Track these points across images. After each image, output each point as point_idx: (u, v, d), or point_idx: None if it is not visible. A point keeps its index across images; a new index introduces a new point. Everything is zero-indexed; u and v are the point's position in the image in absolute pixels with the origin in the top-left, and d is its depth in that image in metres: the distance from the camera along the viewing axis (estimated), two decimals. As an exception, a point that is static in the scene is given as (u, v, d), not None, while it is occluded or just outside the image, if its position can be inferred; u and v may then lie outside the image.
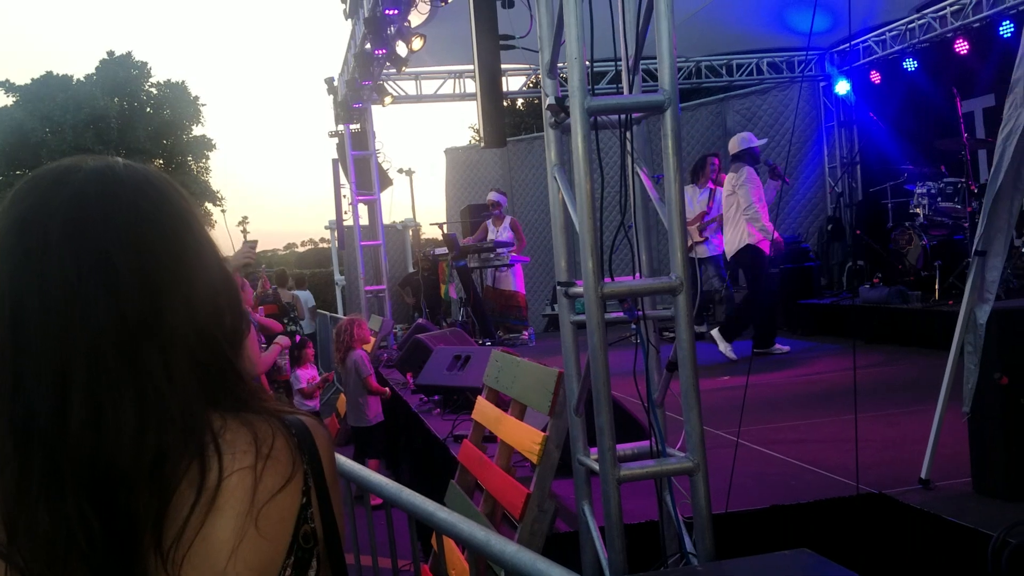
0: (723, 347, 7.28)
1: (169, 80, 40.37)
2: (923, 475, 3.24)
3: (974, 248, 3.06)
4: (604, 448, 2.53)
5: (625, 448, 2.77)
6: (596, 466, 2.62)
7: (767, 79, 12.10)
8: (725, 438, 4.25)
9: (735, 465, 3.45)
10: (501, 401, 3.81)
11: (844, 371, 6.38)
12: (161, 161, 40.28)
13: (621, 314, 2.73)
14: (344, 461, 1.85)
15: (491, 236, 10.38)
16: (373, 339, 8.75)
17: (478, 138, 37.69)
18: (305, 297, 14.75)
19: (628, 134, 2.77)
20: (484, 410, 3.79)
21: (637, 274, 2.89)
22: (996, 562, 2.53)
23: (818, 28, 10.57)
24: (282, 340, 6.21)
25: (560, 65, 2.75)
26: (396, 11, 6.63)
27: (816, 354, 7.34)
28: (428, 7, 6.58)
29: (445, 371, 6.08)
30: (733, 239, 7.47)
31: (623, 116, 2.70)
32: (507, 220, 10.14)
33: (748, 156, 7.48)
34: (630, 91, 2.79)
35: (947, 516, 2.90)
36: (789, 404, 5.28)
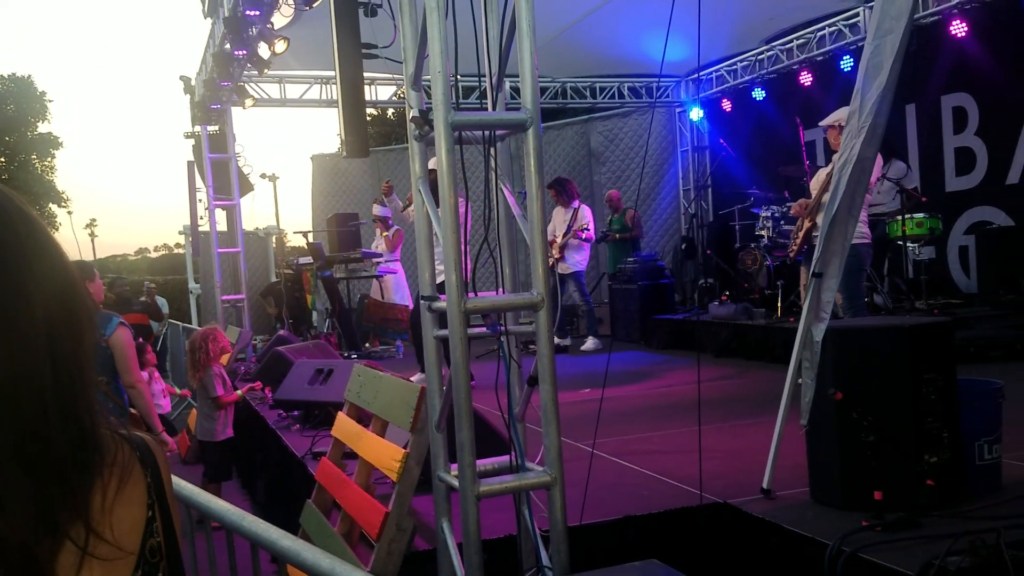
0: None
1: (14, 74, 37.65)
2: (765, 485, 3.41)
3: (811, 270, 3.25)
4: (464, 464, 2.53)
5: (485, 463, 2.77)
6: (456, 482, 2.61)
7: (628, 103, 12.54)
8: (583, 449, 4.34)
9: (592, 476, 3.53)
10: (363, 417, 3.73)
11: (694, 384, 6.66)
12: (3, 159, 37.45)
13: (484, 329, 2.74)
14: (184, 486, 1.75)
15: (378, 247, 10.31)
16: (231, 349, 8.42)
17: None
18: None
19: (492, 150, 2.79)
20: (344, 426, 3.71)
21: (501, 289, 2.91)
22: (832, 570, 2.69)
23: (674, 57, 11.05)
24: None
25: (425, 78, 2.75)
26: (258, 12, 6.43)
27: (669, 367, 7.63)
28: (292, 10, 6.42)
29: (306, 385, 5.91)
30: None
31: (487, 132, 2.72)
32: (391, 230, 10.07)
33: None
34: (494, 108, 2.81)
35: (786, 525, 3.05)
36: (643, 416, 5.46)
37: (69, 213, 41.04)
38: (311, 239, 11.00)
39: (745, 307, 7.84)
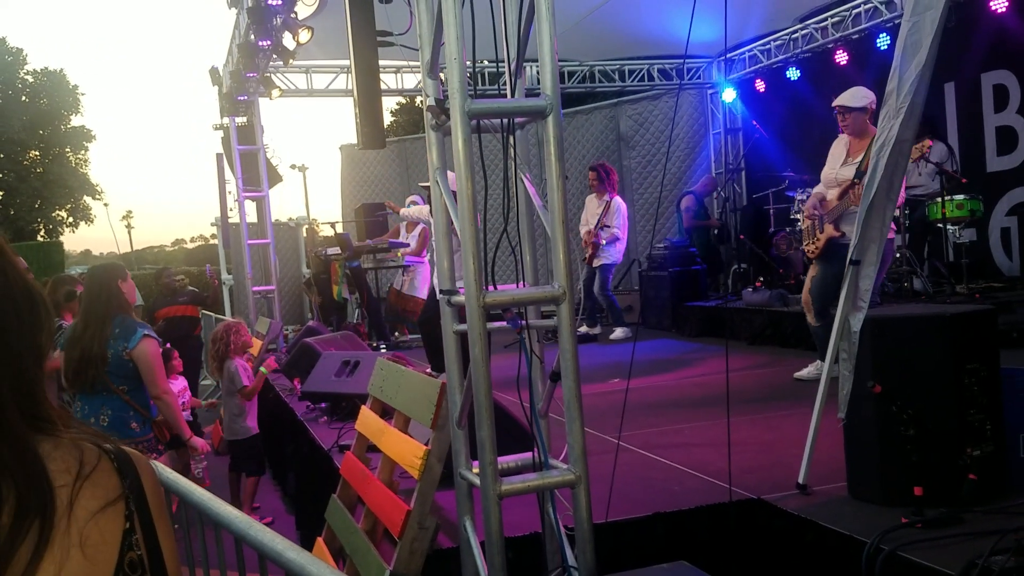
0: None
1: (47, 68, 38.21)
2: (800, 480, 3.30)
3: (849, 257, 3.12)
4: (485, 463, 2.46)
5: (507, 460, 2.70)
6: (478, 480, 2.54)
7: (658, 85, 12.33)
8: (610, 442, 4.25)
9: (619, 471, 3.44)
10: (387, 411, 3.68)
11: (731, 372, 6.54)
12: (37, 153, 38.06)
13: (505, 323, 2.66)
14: (195, 491, 1.71)
15: (401, 238, 10.24)
16: (259, 342, 8.42)
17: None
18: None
19: (511, 139, 2.70)
20: (367, 421, 3.66)
21: (521, 282, 2.83)
22: (870, 568, 2.58)
23: (706, 37, 10.83)
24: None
25: (441, 65, 2.66)
26: (281, 2, 6.39)
27: (700, 355, 7.50)
28: (316, 2, 6.37)
29: (333, 377, 5.89)
30: None
31: (505, 120, 2.63)
32: (419, 227, 9.91)
33: None
34: (513, 94, 2.71)
35: (823, 522, 2.95)
36: (673, 406, 5.34)
37: (105, 205, 41.66)
38: (340, 229, 11.00)
39: (780, 293, 7.67)
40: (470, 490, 2.72)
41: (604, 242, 8.69)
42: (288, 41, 7.34)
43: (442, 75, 2.64)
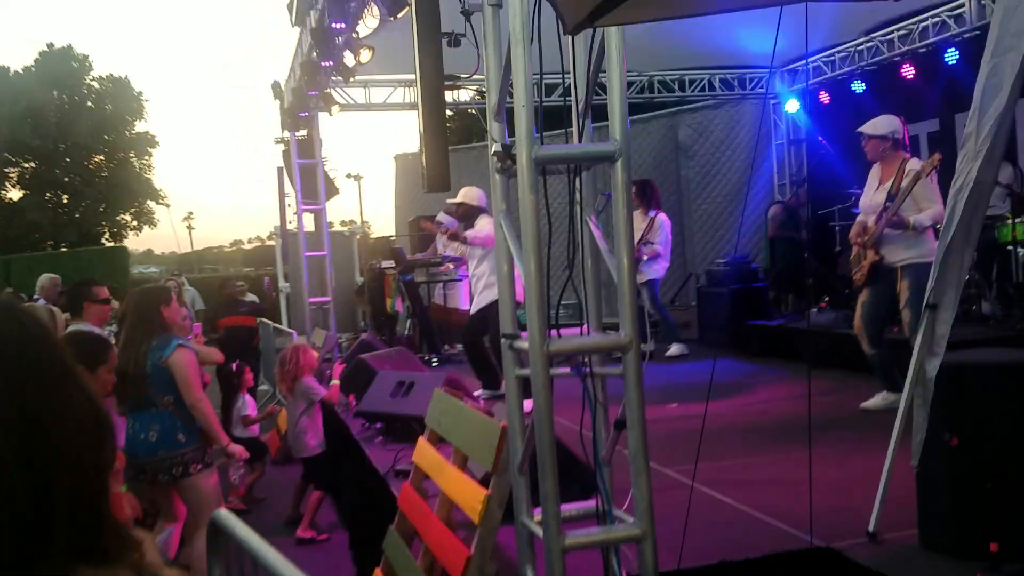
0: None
1: (111, 75, 39.36)
2: (871, 528, 3.19)
3: (925, 301, 3.01)
4: (548, 516, 2.42)
5: (570, 509, 2.65)
6: (539, 530, 2.50)
7: (719, 95, 12.15)
8: (670, 478, 4.18)
9: (682, 511, 3.37)
10: (444, 443, 3.67)
11: (793, 399, 6.38)
12: (102, 157, 39.20)
13: (567, 369, 2.62)
14: (268, 553, 1.70)
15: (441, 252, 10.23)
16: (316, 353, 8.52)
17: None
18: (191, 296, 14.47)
19: (577, 182, 2.66)
20: (426, 453, 3.64)
21: (585, 326, 2.78)
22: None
23: (769, 48, 10.61)
24: None
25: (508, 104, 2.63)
26: (343, 24, 6.45)
27: (764, 378, 7.34)
28: (376, 21, 6.41)
29: (388, 397, 5.92)
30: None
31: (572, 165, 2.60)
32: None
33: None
34: (579, 136, 2.67)
35: (895, 577, 2.84)
36: (737, 438, 5.23)
37: (167, 206, 42.72)
38: (394, 243, 11.09)
39: (846, 315, 7.47)
40: (531, 538, 2.69)
41: (645, 258, 8.58)
42: (349, 60, 7.40)
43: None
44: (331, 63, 7.23)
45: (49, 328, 0.92)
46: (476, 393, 6.73)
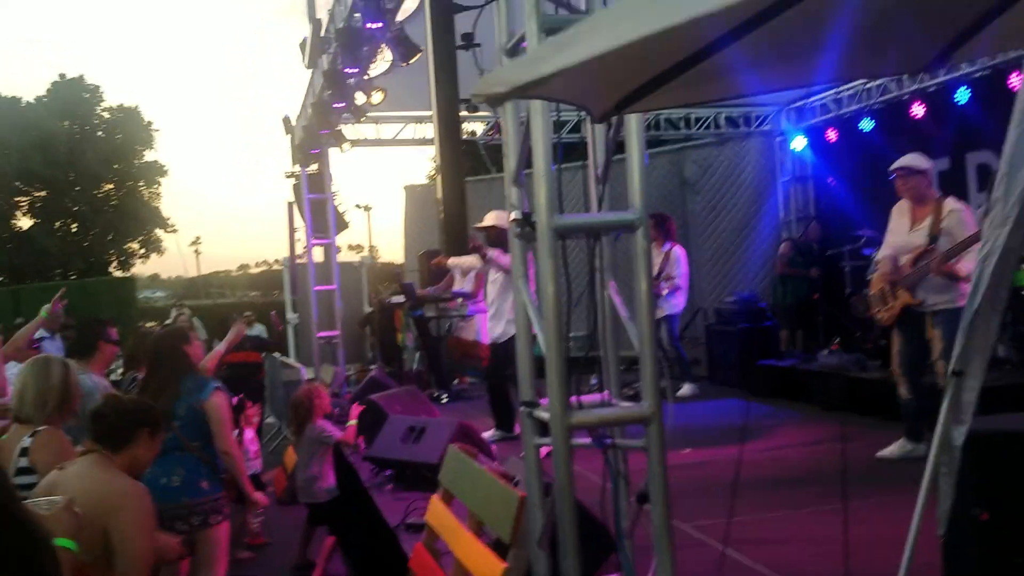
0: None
1: (122, 104, 39.69)
2: (896, 596, 3.10)
3: (950, 368, 2.96)
4: (569, 594, 2.36)
5: (591, 583, 2.60)
6: (560, 607, 2.45)
7: (725, 133, 12.18)
8: (693, 536, 4.09)
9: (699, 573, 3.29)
10: (457, 501, 3.61)
11: (810, 446, 6.30)
12: (111, 186, 39.44)
13: (588, 439, 2.57)
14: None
15: (456, 286, 10.20)
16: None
17: (435, 172, 37.59)
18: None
19: (597, 248, 2.63)
20: (439, 514, 3.59)
21: (607, 391, 2.74)
22: None
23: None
24: None
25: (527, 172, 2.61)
26: (356, 69, 6.48)
27: (776, 422, 7.25)
28: (387, 64, 6.44)
29: (399, 442, 5.84)
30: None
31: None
32: (471, 272, 9.89)
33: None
34: (599, 206, 2.65)
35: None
36: (756, 489, 5.07)
37: (175, 232, 42.95)
38: (403, 278, 11.08)
39: (858, 358, 7.41)
40: (551, 612, 2.62)
41: (665, 292, 8.52)
42: (360, 99, 7.44)
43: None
44: (344, 105, 7.26)
45: None
46: (486, 435, 6.66)
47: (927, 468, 3.05)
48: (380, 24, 5.25)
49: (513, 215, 2.60)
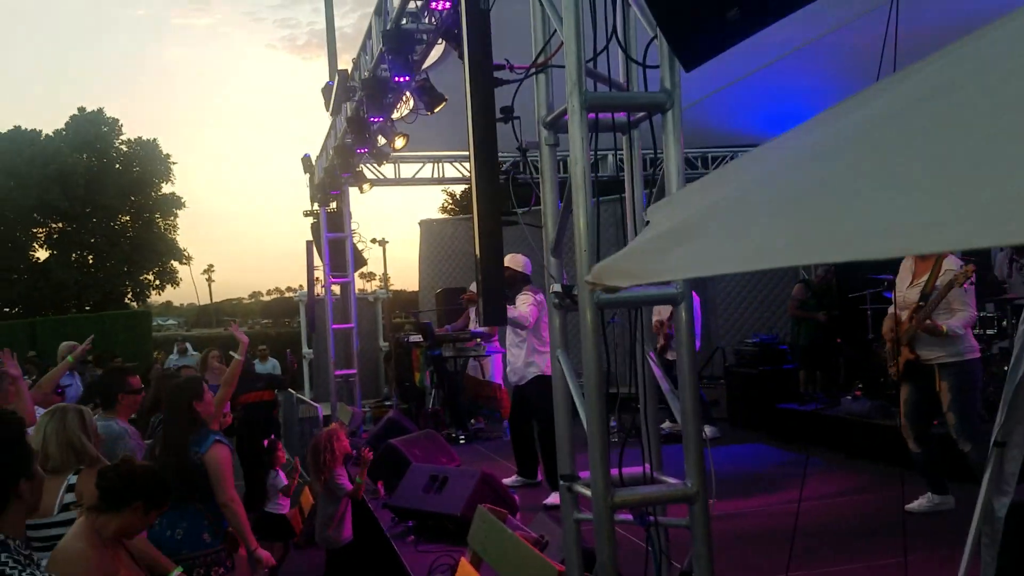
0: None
1: (140, 138, 40.10)
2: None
3: (993, 438, 2.92)
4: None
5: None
6: None
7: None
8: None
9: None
10: (486, 566, 3.57)
11: (841, 497, 6.20)
12: (128, 218, 39.77)
13: (630, 517, 2.54)
14: None
15: (472, 326, 10.19)
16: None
17: (451, 202, 37.59)
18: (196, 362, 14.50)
19: (638, 320, 2.62)
20: (469, 576, 3.54)
21: (647, 464, 2.71)
22: None
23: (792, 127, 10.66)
24: None
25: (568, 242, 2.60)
26: (381, 118, 6.53)
27: (798, 471, 7.12)
28: (409, 109, 6.48)
29: (420, 492, 5.81)
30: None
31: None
32: None
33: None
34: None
35: None
36: (790, 544, 4.98)
37: (189, 260, 43.25)
38: (421, 318, 11.08)
39: (881, 405, 7.32)
40: None
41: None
42: (382, 143, 7.48)
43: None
44: (366, 150, 7.31)
45: None
46: (507, 481, 6.61)
47: (969, 537, 3.00)
48: (407, 77, 5.29)
49: (554, 288, 2.60)
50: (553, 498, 5.80)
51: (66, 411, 3.76)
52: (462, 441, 9.56)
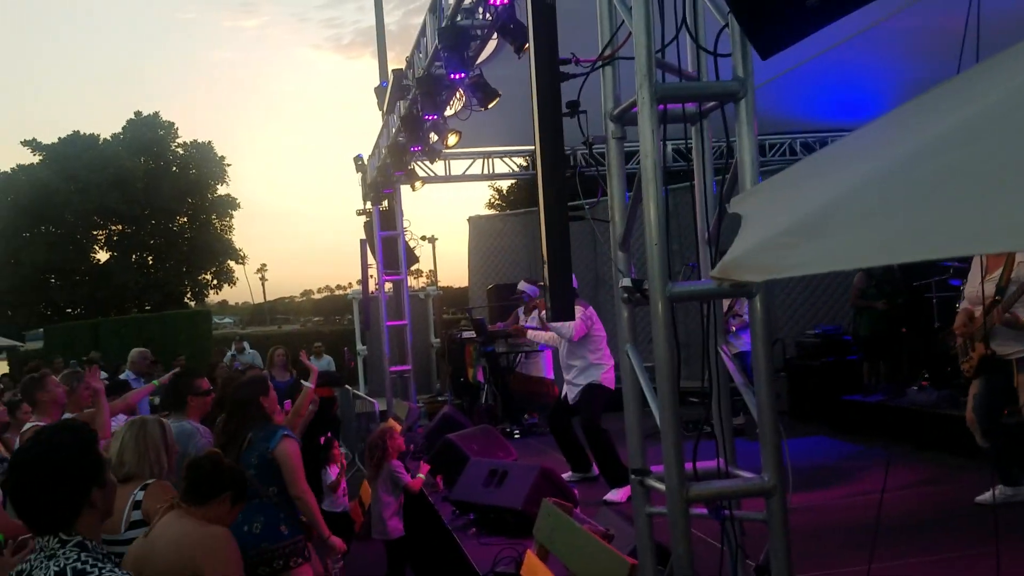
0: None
1: (195, 140, 40.96)
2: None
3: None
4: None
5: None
6: None
7: (800, 158, 11.96)
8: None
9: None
10: (552, 558, 3.57)
11: (908, 489, 6.06)
12: (185, 220, 40.67)
13: (704, 511, 2.51)
14: None
15: (522, 321, 10.18)
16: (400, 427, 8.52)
17: (498, 198, 37.66)
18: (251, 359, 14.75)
19: (708, 311, 2.58)
20: (535, 569, 3.55)
21: (721, 459, 2.68)
22: None
23: (852, 113, 10.46)
24: None
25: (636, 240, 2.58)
26: (435, 116, 6.55)
27: (865, 463, 7.01)
28: (461, 104, 6.49)
29: (481, 487, 5.84)
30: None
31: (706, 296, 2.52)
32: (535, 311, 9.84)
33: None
34: (712, 263, 2.60)
35: None
36: (860, 539, 4.82)
37: (244, 260, 44.10)
38: (475, 314, 11.12)
39: (949, 394, 7.14)
40: None
41: (735, 329, 8.35)
42: (435, 141, 7.51)
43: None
44: (419, 148, 7.35)
45: None
46: (565, 476, 6.60)
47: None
48: (463, 74, 5.31)
49: (623, 282, 2.58)
50: (612, 495, 5.77)
51: (146, 422, 3.84)
52: (516, 436, 9.58)
